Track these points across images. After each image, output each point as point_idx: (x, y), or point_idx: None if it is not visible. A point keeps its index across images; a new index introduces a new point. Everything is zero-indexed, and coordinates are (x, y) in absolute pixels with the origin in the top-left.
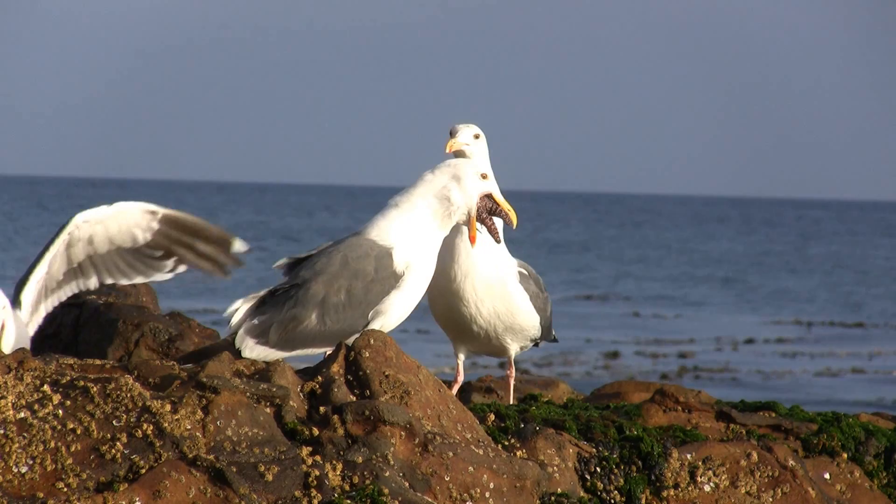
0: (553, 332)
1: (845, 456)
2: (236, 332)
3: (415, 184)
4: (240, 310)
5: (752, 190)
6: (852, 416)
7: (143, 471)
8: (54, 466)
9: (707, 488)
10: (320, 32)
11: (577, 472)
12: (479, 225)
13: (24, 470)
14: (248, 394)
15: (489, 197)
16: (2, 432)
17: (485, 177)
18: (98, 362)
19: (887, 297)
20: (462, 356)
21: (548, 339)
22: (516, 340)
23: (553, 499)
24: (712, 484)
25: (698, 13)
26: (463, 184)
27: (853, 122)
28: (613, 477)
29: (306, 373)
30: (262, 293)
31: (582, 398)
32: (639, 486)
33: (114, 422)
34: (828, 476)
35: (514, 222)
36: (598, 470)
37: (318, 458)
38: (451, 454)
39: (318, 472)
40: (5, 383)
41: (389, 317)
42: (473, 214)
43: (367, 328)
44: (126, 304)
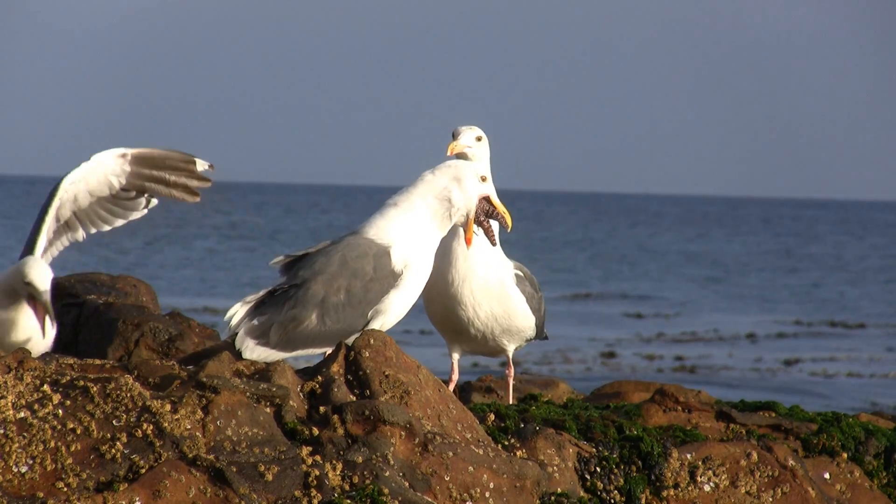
0: (545, 331)
1: (845, 456)
2: (236, 334)
3: (414, 184)
4: (239, 311)
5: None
6: (852, 416)
7: (143, 470)
8: (54, 466)
9: (707, 488)
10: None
11: (577, 471)
12: (475, 227)
13: (24, 470)
14: (248, 394)
15: (486, 199)
16: (2, 432)
17: (484, 179)
18: (98, 362)
19: (887, 297)
20: (457, 355)
21: (540, 337)
22: (513, 341)
23: (553, 499)
24: (712, 484)
25: (697, 13)
26: (463, 185)
27: (852, 122)
28: (613, 477)
29: (306, 373)
30: (260, 294)
31: (582, 398)
32: (639, 486)
33: (114, 421)
34: (828, 476)
35: (510, 225)
36: (598, 470)
37: (318, 457)
38: (451, 454)
39: (318, 472)
40: (5, 383)
41: (388, 316)
42: (472, 216)
43: (367, 328)
44: (126, 304)
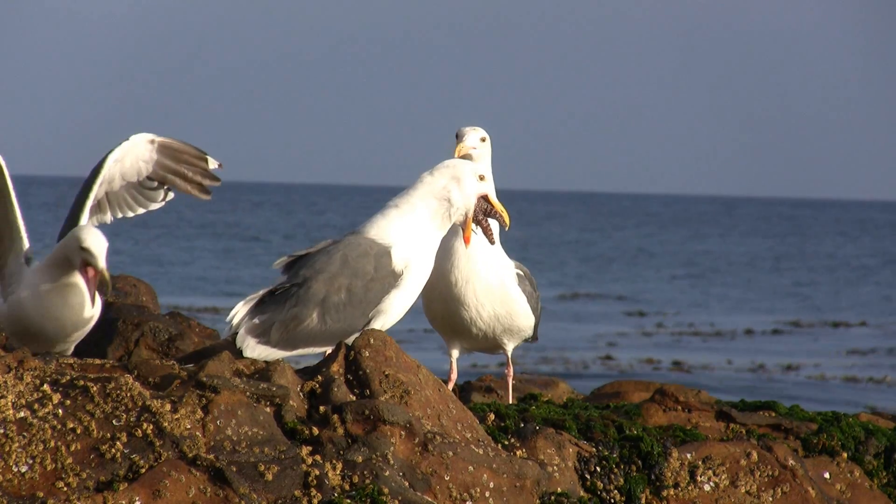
0: (537, 332)
1: (845, 455)
2: (237, 332)
3: (414, 185)
4: (240, 310)
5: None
6: (852, 416)
7: (143, 470)
8: (54, 466)
9: (707, 488)
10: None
11: (577, 471)
12: (473, 226)
13: (24, 469)
14: (247, 393)
15: (484, 198)
16: (2, 432)
17: (482, 178)
18: (98, 362)
19: (888, 297)
20: (456, 353)
21: (534, 337)
22: (512, 340)
23: (553, 498)
24: (712, 483)
25: (696, 13)
26: (462, 185)
27: (848, 122)
28: (613, 476)
29: (306, 372)
30: (261, 293)
31: (582, 398)
32: (639, 486)
33: (114, 421)
34: (828, 475)
35: (508, 223)
36: (598, 469)
37: (318, 457)
38: (450, 454)
39: (317, 472)
40: (5, 383)
41: (389, 315)
42: (470, 215)
43: (367, 327)
44: (126, 304)
